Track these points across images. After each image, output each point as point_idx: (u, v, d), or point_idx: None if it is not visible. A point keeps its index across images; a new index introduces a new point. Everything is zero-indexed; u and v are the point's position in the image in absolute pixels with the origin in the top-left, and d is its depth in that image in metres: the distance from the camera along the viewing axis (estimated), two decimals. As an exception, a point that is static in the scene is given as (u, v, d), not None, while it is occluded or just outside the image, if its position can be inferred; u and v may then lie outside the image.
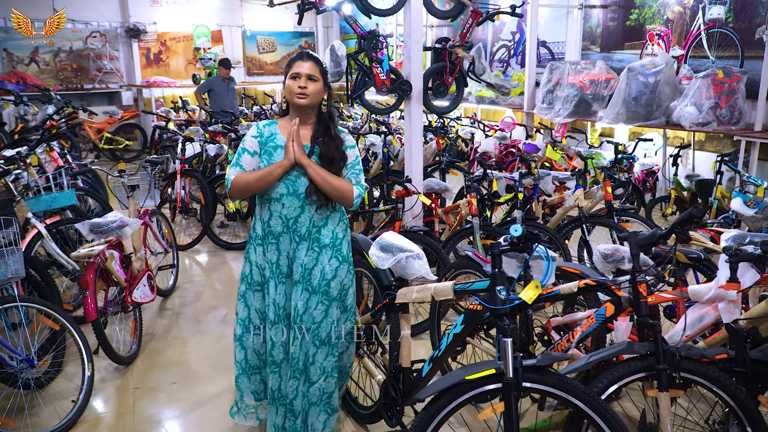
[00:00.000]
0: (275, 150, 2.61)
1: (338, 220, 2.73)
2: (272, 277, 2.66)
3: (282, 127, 2.66)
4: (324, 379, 2.69)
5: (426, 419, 2.09)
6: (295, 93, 2.57)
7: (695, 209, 2.28)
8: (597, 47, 8.34)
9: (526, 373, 2.06)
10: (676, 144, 7.13)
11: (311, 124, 2.67)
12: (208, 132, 7.66)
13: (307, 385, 2.66)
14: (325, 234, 2.66)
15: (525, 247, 2.14)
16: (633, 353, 2.31)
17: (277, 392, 2.72)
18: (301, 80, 2.57)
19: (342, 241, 2.72)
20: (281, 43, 14.24)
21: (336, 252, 2.68)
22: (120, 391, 3.46)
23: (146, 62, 12.41)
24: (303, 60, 2.60)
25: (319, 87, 2.61)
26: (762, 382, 2.38)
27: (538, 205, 5.03)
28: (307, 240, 2.63)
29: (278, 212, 2.61)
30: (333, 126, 2.66)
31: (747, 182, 5.43)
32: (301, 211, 2.60)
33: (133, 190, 4.39)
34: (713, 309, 2.54)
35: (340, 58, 4.45)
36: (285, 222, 2.61)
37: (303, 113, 2.64)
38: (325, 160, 2.59)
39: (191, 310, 4.59)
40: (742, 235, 2.94)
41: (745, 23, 6.35)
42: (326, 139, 2.62)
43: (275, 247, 2.64)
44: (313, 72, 2.58)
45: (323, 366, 2.67)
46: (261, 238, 2.67)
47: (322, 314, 2.64)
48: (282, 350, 2.69)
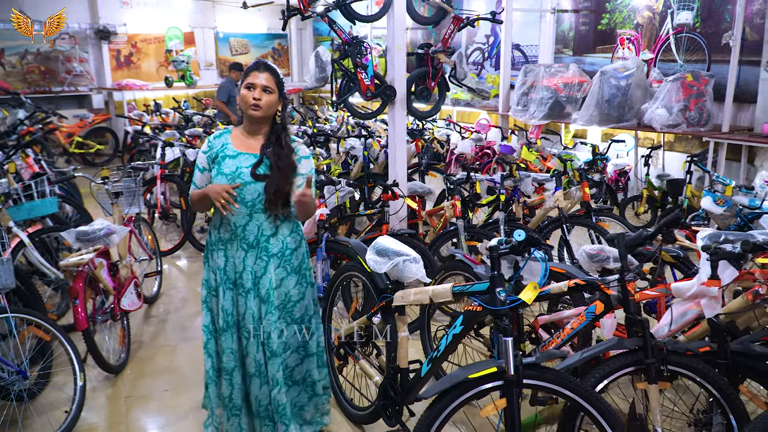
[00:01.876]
0: (223, 160, 2.61)
1: (290, 230, 2.72)
2: (221, 283, 2.67)
3: (235, 137, 2.67)
4: (277, 391, 2.67)
5: (431, 417, 2.17)
6: (249, 104, 2.57)
7: (679, 211, 2.40)
8: (569, 51, 8.53)
9: (526, 371, 2.14)
10: (646, 145, 7.34)
11: (263, 134, 2.67)
12: (185, 136, 7.62)
13: (266, 389, 2.69)
14: (273, 243, 2.66)
15: (523, 249, 2.23)
16: (623, 348, 2.41)
17: (228, 400, 2.71)
18: (255, 91, 2.56)
19: (293, 252, 2.72)
20: (254, 45, 14.19)
21: (284, 262, 2.69)
22: (112, 401, 3.45)
23: (116, 64, 12.26)
24: (259, 71, 2.59)
25: (274, 99, 2.60)
26: (742, 373, 2.50)
27: (519, 207, 5.15)
28: (255, 248, 2.63)
29: (228, 220, 2.62)
30: (284, 135, 2.65)
31: (716, 182, 5.62)
32: (249, 219, 2.61)
33: (117, 196, 4.38)
34: (695, 305, 2.66)
35: (324, 63, 4.50)
36: (233, 229, 2.62)
37: (255, 124, 2.64)
38: (274, 170, 2.58)
39: (177, 316, 4.59)
40: (717, 234, 3.07)
41: (712, 28, 6.58)
42: (275, 149, 2.61)
43: (223, 253, 2.66)
44: (268, 83, 2.58)
45: (274, 377, 2.66)
46: (213, 244, 2.70)
47: (271, 325, 2.64)
48: (233, 357, 2.69)
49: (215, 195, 2.49)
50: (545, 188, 5.40)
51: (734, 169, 6.26)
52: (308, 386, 2.86)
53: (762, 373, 2.44)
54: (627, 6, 7.62)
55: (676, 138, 7.14)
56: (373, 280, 2.94)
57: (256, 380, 2.69)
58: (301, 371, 2.82)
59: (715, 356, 2.45)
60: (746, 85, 6.16)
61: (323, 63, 4.51)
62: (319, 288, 3.87)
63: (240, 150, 2.64)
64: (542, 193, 5.25)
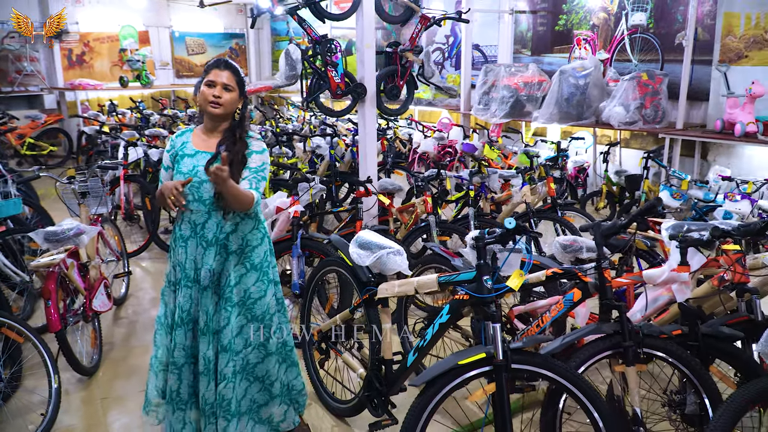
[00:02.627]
0: (182, 159, 2.59)
1: (251, 227, 2.69)
2: (181, 279, 2.65)
3: (195, 135, 2.65)
4: (224, 385, 2.63)
5: (422, 403, 2.22)
6: (209, 101, 2.54)
7: (656, 199, 2.51)
8: (528, 51, 8.72)
9: (514, 356, 2.21)
10: (604, 142, 7.58)
11: (221, 132, 2.64)
12: (144, 136, 7.50)
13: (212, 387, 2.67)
14: (233, 240, 2.63)
15: (508, 239, 2.30)
16: (601, 333, 2.51)
17: (176, 394, 2.68)
18: (216, 89, 2.53)
19: (254, 249, 2.69)
20: (211, 44, 14.02)
21: (244, 259, 2.66)
22: (87, 403, 3.39)
23: (68, 64, 11.94)
24: (220, 69, 2.56)
25: (234, 97, 2.58)
26: (712, 354, 2.63)
27: (486, 202, 5.26)
28: (214, 246, 2.60)
29: (188, 217, 2.61)
30: (240, 131, 2.63)
31: (672, 176, 5.87)
32: (208, 217, 2.58)
33: (84, 196, 4.29)
34: (666, 290, 2.79)
35: (295, 61, 4.50)
36: (193, 227, 2.60)
37: (214, 121, 2.61)
38: (226, 165, 2.49)
39: (147, 317, 4.52)
40: (680, 224, 3.22)
41: (665, 29, 6.84)
42: (229, 145, 2.58)
43: (183, 249, 2.63)
44: (229, 82, 2.55)
45: (222, 372, 2.63)
46: (175, 240, 2.68)
47: (225, 321, 2.62)
48: (183, 354, 2.66)
49: (167, 191, 2.45)
50: (511, 184, 5.53)
51: (688, 164, 6.53)
52: (267, 386, 2.81)
53: (731, 354, 2.58)
54: (583, 7, 7.85)
55: (631, 135, 7.39)
56: (355, 274, 2.97)
57: (204, 378, 2.64)
58: (262, 369, 2.78)
59: (686, 339, 2.57)
60: (698, 84, 6.44)
61: (293, 61, 4.50)
62: (294, 285, 3.88)
63: (198, 149, 2.61)
64: (508, 189, 5.37)
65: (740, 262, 2.71)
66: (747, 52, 6.00)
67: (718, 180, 5.52)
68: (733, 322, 2.66)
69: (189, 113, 10.64)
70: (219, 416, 2.63)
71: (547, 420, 2.48)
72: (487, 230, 2.41)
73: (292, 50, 4.47)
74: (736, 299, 2.74)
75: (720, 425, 2.07)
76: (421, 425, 2.22)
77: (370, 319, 2.86)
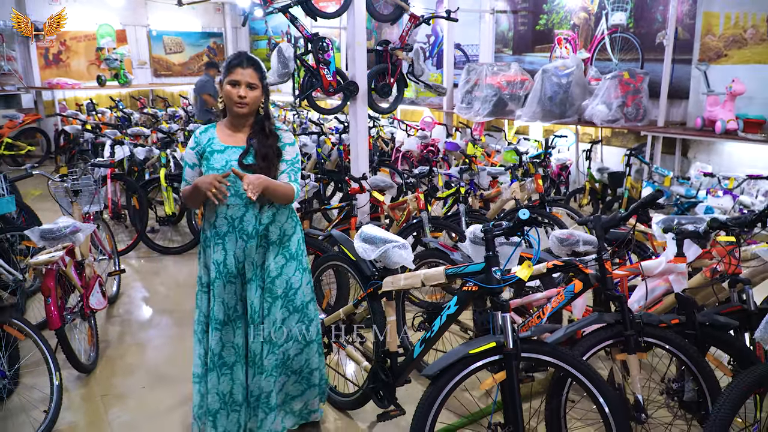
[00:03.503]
0: (212, 155, 2.59)
1: (286, 217, 2.71)
2: (219, 276, 2.62)
3: (220, 131, 2.65)
4: (264, 377, 2.66)
5: (435, 392, 2.26)
6: (235, 102, 2.54)
7: (657, 192, 2.59)
8: (509, 50, 8.83)
9: (523, 345, 2.27)
10: (585, 140, 7.71)
11: (248, 126, 2.65)
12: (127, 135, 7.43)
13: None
14: (272, 231, 2.65)
15: (517, 231, 2.36)
16: (603, 323, 2.58)
17: (228, 396, 2.66)
18: (240, 89, 2.53)
19: (290, 238, 2.72)
20: (189, 43, 13.92)
21: (282, 249, 2.68)
22: (87, 400, 3.37)
23: (45, 63, 11.76)
24: (243, 67, 2.53)
25: (258, 94, 2.58)
26: (708, 342, 2.72)
27: (475, 199, 5.33)
28: (255, 238, 2.61)
29: (223, 213, 2.60)
30: (268, 124, 2.64)
31: (655, 173, 6.01)
32: (245, 210, 2.59)
33: (76, 194, 4.26)
34: (663, 281, 2.87)
35: (287, 59, 4.51)
36: (230, 222, 2.60)
37: (240, 118, 2.62)
38: (259, 158, 2.58)
39: (141, 315, 4.51)
40: (670, 218, 3.32)
41: (644, 28, 6.99)
42: (261, 138, 2.61)
43: (221, 246, 2.62)
44: (253, 80, 2.54)
45: (264, 365, 2.66)
46: (208, 239, 2.66)
47: (266, 312, 2.65)
48: (233, 352, 2.64)
49: (206, 186, 2.43)
50: (499, 181, 5.62)
51: (669, 161, 6.68)
52: (305, 376, 2.84)
53: (726, 342, 2.67)
54: (563, 7, 7.97)
55: (612, 133, 7.54)
56: (358, 269, 3.01)
57: (251, 371, 2.68)
58: (300, 361, 2.80)
59: (683, 328, 2.66)
60: (678, 82, 6.60)
61: (285, 59, 4.51)
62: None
63: (227, 144, 2.61)
64: (497, 186, 5.45)
65: (732, 254, 2.81)
66: (726, 51, 6.16)
67: (699, 176, 5.67)
68: (726, 312, 2.75)
69: (169, 112, 10.58)
70: (259, 409, 2.67)
71: (552, 408, 2.55)
72: (492, 223, 2.47)
73: (284, 48, 4.49)
74: (728, 290, 2.84)
75: (723, 411, 2.14)
76: (433, 413, 2.27)
77: (374, 313, 2.90)
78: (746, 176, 5.24)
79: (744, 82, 5.74)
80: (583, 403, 2.79)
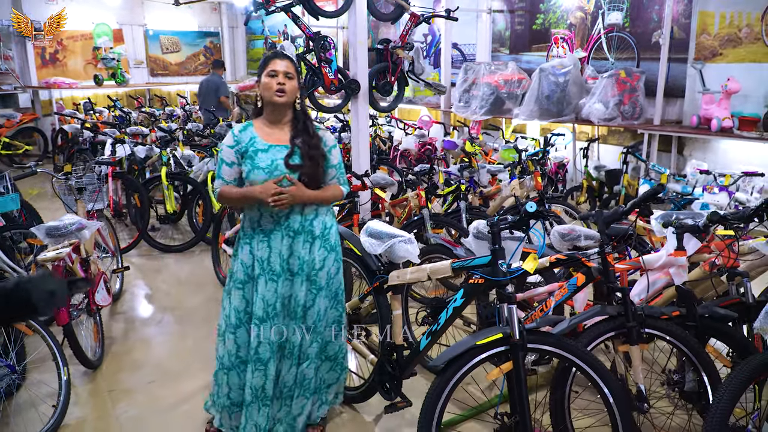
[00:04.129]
0: (256, 154, 2.63)
1: (326, 210, 2.81)
2: (262, 273, 2.67)
3: (259, 129, 2.69)
4: (307, 365, 2.77)
5: (442, 383, 2.31)
6: (274, 90, 2.60)
7: (659, 185, 2.64)
8: (506, 49, 8.89)
9: (529, 336, 2.32)
10: (581, 139, 7.77)
11: (287, 123, 2.71)
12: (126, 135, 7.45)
13: (294, 369, 2.77)
14: (316, 225, 2.72)
15: (523, 224, 2.41)
16: (605, 315, 2.64)
17: (260, 391, 2.70)
18: (279, 77, 2.59)
19: (330, 230, 2.79)
20: (185, 43, 13.92)
21: (324, 242, 2.75)
22: (94, 395, 3.41)
23: (42, 62, 11.75)
24: (279, 58, 2.64)
25: (295, 85, 2.66)
26: (708, 334, 2.78)
27: (475, 196, 5.38)
28: (301, 233, 2.67)
29: (269, 211, 2.65)
30: (310, 124, 2.71)
31: (652, 170, 6.07)
32: (291, 208, 2.65)
33: (80, 192, 4.30)
34: (664, 274, 2.93)
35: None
36: (276, 219, 2.65)
37: (278, 112, 2.67)
38: (306, 159, 2.64)
39: (145, 312, 4.54)
40: (669, 213, 3.38)
41: (640, 28, 7.06)
42: (305, 138, 2.66)
43: (266, 244, 2.66)
44: (289, 69, 2.63)
45: (306, 352, 2.75)
46: (250, 237, 2.70)
47: (310, 302, 2.73)
48: (269, 348, 2.68)
49: (266, 196, 2.53)
50: (498, 179, 5.67)
51: (665, 159, 6.75)
52: (340, 361, 2.93)
53: (725, 334, 2.73)
54: (560, 7, 8.04)
55: (608, 131, 7.60)
56: (364, 263, 3.06)
57: (287, 362, 2.74)
58: (334, 347, 2.88)
59: (684, 320, 2.72)
60: (674, 81, 6.67)
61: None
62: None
63: (270, 143, 2.66)
64: (496, 184, 5.50)
65: (731, 248, 2.87)
66: (721, 50, 6.24)
67: (695, 174, 5.74)
68: (725, 305, 2.81)
69: (167, 111, 10.59)
70: (297, 395, 2.75)
71: (556, 399, 2.60)
72: (497, 217, 2.52)
73: (287, 47, 4.53)
74: (726, 283, 2.90)
75: (724, 401, 2.20)
76: (441, 403, 2.31)
77: (380, 306, 2.95)
78: (742, 173, 5.31)
79: (739, 80, 5.81)
80: (585, 394, 2.84)
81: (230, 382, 2.77)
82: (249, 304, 2.72)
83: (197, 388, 3.44)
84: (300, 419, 2.80)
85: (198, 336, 4.12)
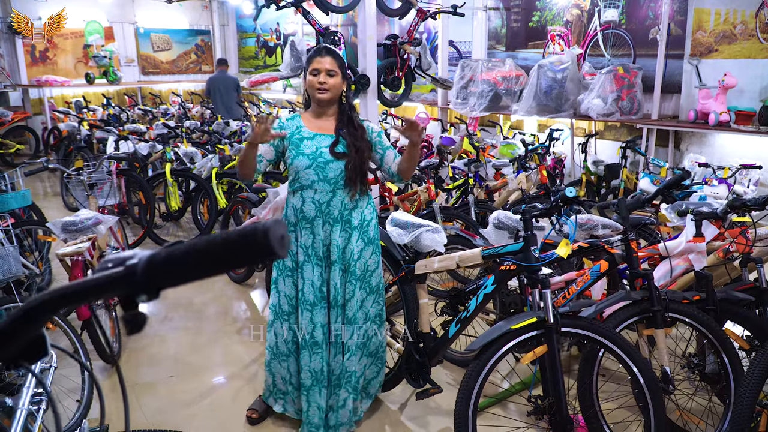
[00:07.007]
0: (301, 141, 2.73)
1: (366, 203, 2.85)
2: (308, 260, 2.75)
3: (306, 120, 2.80)
4: (348, 357, 2.81)
5: (479, 367, 2.36)
6: (316, 88, 2.70)
7: (684, 172, 2.72)
8: (502, 46, 8.97)
9: (562, 319, 2.38)
10: (579, 134, 7.87)
11: (333, 115, 2.80)
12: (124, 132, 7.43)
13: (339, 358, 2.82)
14: (355, 216, 2.78)
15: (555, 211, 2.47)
16: (630, 300, 2.70)
17: (320, 373, 2.78)
18: (320, 76, 2.70)
19: (369, 223, 2.84)
20: (176, 41, 13.85)
21: (363, 233, 2.81)
22: (116, 390, 3.41)
23: (31, 60, 11.63)
24: (321, 56, 2.72)
25: (338, 81, 2.75)
26: (726, 317, 2.87)
27: (480, 190, 5.45)
28: (339, 222, 2.74)
29: (311, 198, 2.72)
30: (355, 116, 2.81)
31: (651, 164, 6.17)
32: (332, 195, 2.71)
33: (92, 188, 4.30)
34: (683, 260, 3.00)
35: (300, 53, 4.58)
36: (318, 206, 2.72)
37: (324, 106, 2.77)
38: (351, 149, 2.71)
39: (157, 308, 4.55)
40: (679, 204, 3.46)
41: (636, 25, 7.17)
42: (350, 129, 2.75)
43: (309, 231, 2.74)
44: (332, 67, 2.71)
45: (347, 345, 2.80)
46: (293, 224, 2.77)
47: (350, 294, 2.78)
48: (322, 331, 2.77)
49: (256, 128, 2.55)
50: (502, 173, 5.74)
51: (662, 153, 6.86)
52: (380, 356, 2.98)
53: (743, 317, 2.81)
54: (556, 4, 8.13)
55: (606, 127, 7.71)
56: (388, 254, 3.10)
57: (333, 350, 2.80)
58: (376, 342, 2.93)
59: (704, 303, 2.80)
60: (671, 77, 6.78)
61: (298, 53, 4.58)
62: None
63: (315, 132, 2.75)
64: (502, 178, 5.57)
65: (744, 234, 2.95)
66: (717, 46, 6.36)
67: (694, 167, 5.84)
68: (740, 290, 2.90)
69: (162, 109, 10.55)
70: (341, 387, 2.80)
71: (585, 384, 2.66)
72: (524, 206, 2.58)
73: (297, 42, 4.56)
74: (739, 269, 2.98)
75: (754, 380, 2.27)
76: (478, 387, 2.37)
77: (405, 296, 3.00)
78: (740, 166, 5.42)
79: (734, 76, 5.93)
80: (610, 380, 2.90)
81: (290, 368, 2.87)
82: (298, 291, 2.79)
83: (218, 383, 3.46)
84: (343, 412, 2.84)
85: (211, 331, 4.14)
